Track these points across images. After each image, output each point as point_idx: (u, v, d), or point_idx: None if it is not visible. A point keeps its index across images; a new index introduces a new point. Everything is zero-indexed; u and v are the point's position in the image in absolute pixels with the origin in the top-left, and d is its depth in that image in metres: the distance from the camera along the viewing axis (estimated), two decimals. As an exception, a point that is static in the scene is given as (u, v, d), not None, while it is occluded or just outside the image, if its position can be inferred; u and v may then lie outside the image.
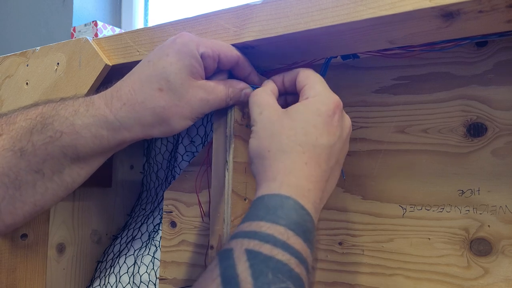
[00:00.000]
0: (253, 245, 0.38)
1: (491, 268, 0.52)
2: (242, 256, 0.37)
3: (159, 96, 0.47)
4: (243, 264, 0.37)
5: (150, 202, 0.86)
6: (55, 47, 0.69)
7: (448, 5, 0.40)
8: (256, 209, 0.42)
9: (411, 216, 0.57)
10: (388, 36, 0.49)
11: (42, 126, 0.46)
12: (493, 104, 0.53)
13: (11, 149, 0.45)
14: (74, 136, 0.46)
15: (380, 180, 0.59)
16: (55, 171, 0.47)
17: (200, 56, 0.48)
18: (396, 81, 0.59)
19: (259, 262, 0.37)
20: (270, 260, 0.37)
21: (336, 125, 0.46)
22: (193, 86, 0.48)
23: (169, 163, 0.83)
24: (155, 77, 0.47)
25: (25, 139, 0.45)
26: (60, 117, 0.46)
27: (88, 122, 0.46)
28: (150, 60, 0.48)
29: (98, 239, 0.84)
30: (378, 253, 0.58)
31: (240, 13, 0.51)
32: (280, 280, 0.36)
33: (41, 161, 0.46)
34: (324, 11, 0.46)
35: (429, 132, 0.56)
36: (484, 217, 0.52)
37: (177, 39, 0.48)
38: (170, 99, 0.47)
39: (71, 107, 0.47)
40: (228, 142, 0.53)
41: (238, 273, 0.36)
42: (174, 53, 0.47)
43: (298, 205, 0.42)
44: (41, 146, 0.45)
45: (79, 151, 0.47)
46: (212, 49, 0.48)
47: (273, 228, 0.39)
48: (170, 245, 0.72)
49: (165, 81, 0.47)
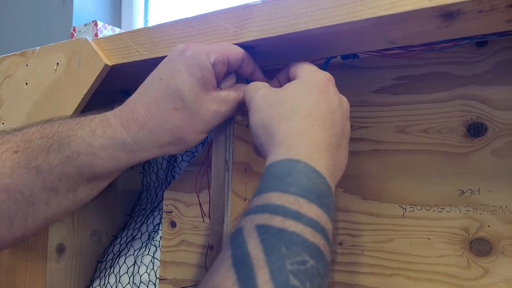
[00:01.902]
0: (263, 219, 0.36)
1: (491, 268, 0.52)
2: (253, 233, 0.35)
3: (175, 116, 0.47)
4: (254, 240, 0.35)
5: (150, 202, 0.86)
6: (54, 47, 0.69)
7: (448, 5, 0.40)
8: (264, 181, 0.40)
9: (411, 216, 0.56)
10: (388, 36, 0.49)
11: (59, 145, 0.46)
12: (493, 104, 0.53)
13: (26, 166, 0.45)
14: (91, 157, 0.46)
15: (380, 180, 0.59)
16: (70, 189, 0.47)
17: (212, 64, 0.47)
18: (396, 81, 0.59)
19: (270, 236, 0.35)
20: (282, 233, 0.35)
21: (333, 94, 0.46)
22: (207, 100, 0.47)
23: (168, 163, 0.83)
24: (169, 96, 0.47)
25: (41, 157, 0.46)
26: (77, 137, 0.46)
27: (105, 144, 0.46)
28: (162, 78, 0.48)
29: (98, 239, 0.84)
30: (378, 253, 0.58)
31: (240, 13, 0.51)
32: (295, 253, 0.34)
33: (56, 179, 0.46)
34: (324, 11, 0.46)
35: (429, 132, 0.56)
36: (484, 217, 0.52)
37: (186, 51, 0.48)
38: (186, 117, 0.47)
39: (87, 127, 0.47)
40: (228, 142, 0.53)
41: (249, 250, 0.34)
42: (185, 68, 0.47)
43: (309, 167, 0.39)
44: (57, 165, 0.46)
45: (96, 171, 0.47)
46: (221, 53, 0.48)
47: (282, 198, 0.37)
48: (170, 245, 0.72)
49: (180, 100, 0.47)
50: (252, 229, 0.35)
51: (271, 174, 0.40)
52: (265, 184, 0.39)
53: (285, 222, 0.35)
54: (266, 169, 0.41)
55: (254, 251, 0.34)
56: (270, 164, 0.41)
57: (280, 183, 0.38)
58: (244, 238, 0.35)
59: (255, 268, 0.33)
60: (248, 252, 0.34)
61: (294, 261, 0.34)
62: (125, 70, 0.65)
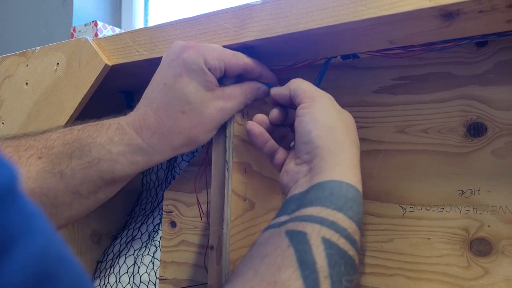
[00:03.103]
0: (330, 235, 0.40)
1: (491, 268, 0.52)
2: (320, 244, 0.39)
3: (183, 119, 0.49)
4: (320, 252, 0.39)
5: (150, 202, 0.86)
6: (55, 47, 0.69)
7: (448, 5, 0.40)
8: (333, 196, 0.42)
9: (411, 216, 0.56)
10: (388, 36, 0.49)
11: (81, 152, 0.49)
12: (493, 104, 0.53)
13: (51, 171, 0.48)
14: (111, 163, 0.49)
15: (380, 180, 0.59)
16: (91, 192, 0.50)
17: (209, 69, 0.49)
18: (396, 81, 0.59)
19: (335, 253, 0.39)
20: (345, 254, 0.40)
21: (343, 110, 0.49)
22: (212, 99, 0.50)
23: (168, 163, 0.83)
24: (175, 100, 0.49)
25: (65, 163, 0.48)
26: (96, 144, 0.49)
27: (123, 150, 0.49)
28: (166, 83, 0.50)
29: (98, 239, 0.84)
30: (378, 253, 0.58)
31: (240, 13, 0.51)
32: (349, 273, 0.39)
33: (79, 183, 0.49)
34: (324, 11, 0.46)
35: (429, 132, 0.56)
36: (484, 217, 0.52)
37: (183, 54, 0.49)
38: (193, 118, 0.49)
39: (105, 135, 0.50)
40: (228, 142, 0.53)
41: (316, 259, 0.38)
42: (185, 72, 0.49)
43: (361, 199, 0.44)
44: (79, 170, 0.48)
45: (115, 175, 0.50)
46: (218, 60, 0.49)
47: (348, 224, 0.41)
48: (170, 245, 0.72)
49: (186, 103, 0.49)
50: (319, 241, 0.39)
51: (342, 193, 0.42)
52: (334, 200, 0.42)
53: (347, 246, 0.40)
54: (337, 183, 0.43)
55: (320, 261, 0.38)
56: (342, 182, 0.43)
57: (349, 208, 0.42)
58: (310, 246, 0.39)
59: (320, 276, 0.38)
60: (315, 260, 0.38)
61: (348, 278, 0.39)
62: (125, 70, 0.65)
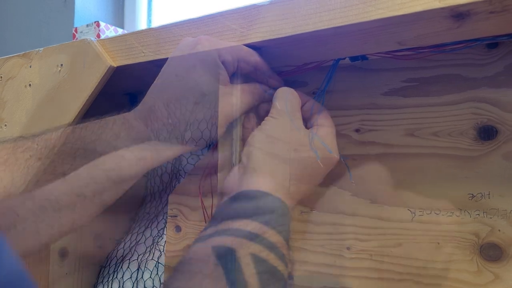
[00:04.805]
0: (258, 251, 0.38)
1: (502, 273, 0.51)
2: (250, 262, 0.37)
3: (197, 110, 0.48)
4: (250, 270, 0.37)
5: (154, 206, 0.85)
6: (58, 48, 0.69)
7: (458, 6, 0.40)
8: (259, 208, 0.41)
9: (420, 220, 0.56)
10: (398, 37, 0.48)
11: (85, 151, 0.47)
12: (504, 107, 0.52)
13: (52, 173, 0.47)
14: (118, 160, 0.47)
15: (389, 183, 0.58)
16: (96, 194, 0.47)
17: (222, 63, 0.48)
18: (405, 83, 0.58)
19: (266, 271, 0.38)
20: (276, 271, 0.39)
21: None
22: (225, 93, 0.49)
23: (173, 166, 0.82)
24: (189, 91, 0.48)
25: (68, 163, 0.47)
26: (101, 141, 0.48)
27: (130, 145, 0.48)
28: (178, 74, 0.49)
29: (101, 243, 0.83)
30: (387, 258, 0.57)
31: (247, 14, 0.51)
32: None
33: (83, 185, 0.46)
34: (333, 12, 0.46)
35: (439, 135, 0.56)
36: (494, 222, 0.52)
37: (198, 45, 0.48)
38: (207, 110, 0.48)
39: (110, 131, 0.48)
40: (234, 144, 0.52)
41: (247, 279, 0.36)
42: (200, 63, 0.48)
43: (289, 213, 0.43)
44: (84, 170, 0.47)
45: (122, 173, 0.48)
46: (232, 56, 0.49)
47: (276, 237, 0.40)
48: (175, 249, 0.71)
49: (200, 94, 0.48)
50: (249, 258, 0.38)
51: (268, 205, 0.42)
52: (256, 211, 0.41)
53: (277, 261, 0.39)
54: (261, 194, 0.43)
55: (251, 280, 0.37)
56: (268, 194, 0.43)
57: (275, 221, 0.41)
58: (240, 265, 0.37)
59: None
60: (246, 280, 0.37)
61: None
62: (130, 71, 0.64)
